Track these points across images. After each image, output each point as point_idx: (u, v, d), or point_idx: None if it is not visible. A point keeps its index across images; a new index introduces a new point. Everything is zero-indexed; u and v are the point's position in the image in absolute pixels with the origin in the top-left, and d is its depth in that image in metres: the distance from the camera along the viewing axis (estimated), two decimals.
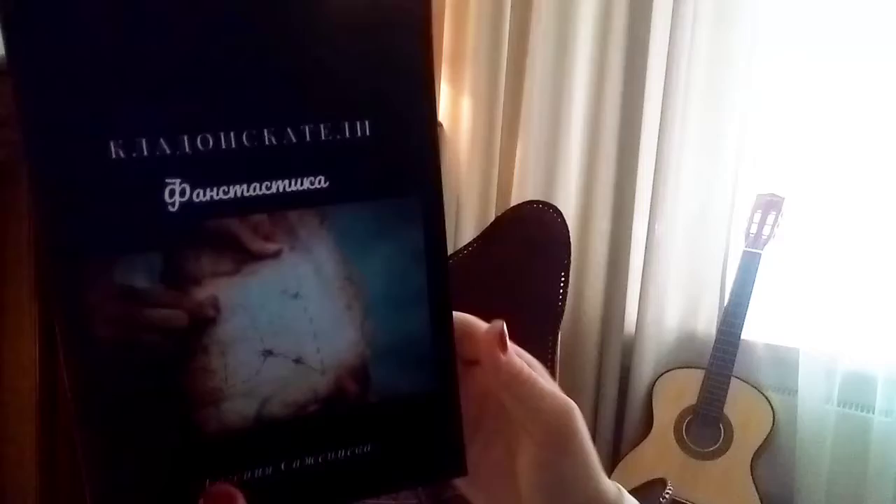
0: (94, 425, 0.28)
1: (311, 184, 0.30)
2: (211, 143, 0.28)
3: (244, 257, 0.29)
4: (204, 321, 0.29)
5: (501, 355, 0.34)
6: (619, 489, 0.37)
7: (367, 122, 0.30)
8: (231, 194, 0.28)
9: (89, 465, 0.28)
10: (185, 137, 0.27)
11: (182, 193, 0.27)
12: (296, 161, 0.29)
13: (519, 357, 0.36)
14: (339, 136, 0.30)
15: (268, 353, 0.30)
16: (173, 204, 0.27)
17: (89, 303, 0.27)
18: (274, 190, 0.29)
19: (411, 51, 0.31)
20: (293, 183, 0.29)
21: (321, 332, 0.31)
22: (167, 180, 0.27)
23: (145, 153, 0.27)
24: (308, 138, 0.29)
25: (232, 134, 0.28)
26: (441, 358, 0.33)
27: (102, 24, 0.26)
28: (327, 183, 0.30)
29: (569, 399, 0.35)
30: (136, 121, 0.27)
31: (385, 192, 0.31)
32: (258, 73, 0.29)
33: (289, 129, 0.29)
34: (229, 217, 0.28)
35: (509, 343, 0.35)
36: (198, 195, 0.28)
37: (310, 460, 0.32)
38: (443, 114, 1.96)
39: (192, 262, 0.28)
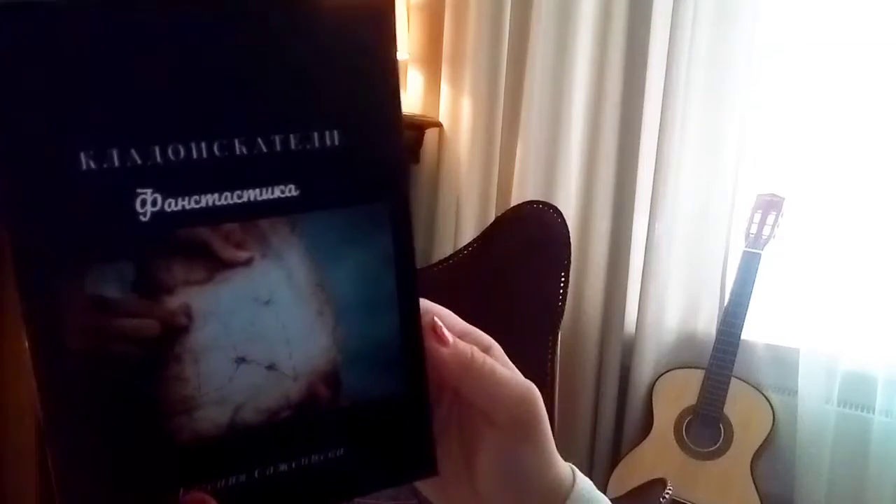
0: (64, 435, 0.28)
1: (282, 192, 0.30)
2: (182, 153, 0.28)
3: (216, 265, 0.29)
4: (176, 330, 0.29)
5: (443, 349, 0.34)
6: (572, 470, 0.37)
7: (336, 132, 0.31)
8: (203, 203, 0.28)
9: (60, 475, 0.28)
10: (157, 148, 0.28)
11: (154, 203, 0.28)
12: (266, 170, 0.30)
13: (471, 336, 0.36)
14: (308, 146, 0.30)
15: (241, 360, 0.30)
16: (145, 213, 0.28)
17: (60, 313, 0.27)
18: (245, 199, 0.29)
19: (378, 63, 0.31)
20: (264, 192, 0.30)
21: (293, 338, 0.31)
22: (139, 190, 0.27)
23: (116, 164, 0.27)
24: (278, 148, 0.30)
25: (203, 144, 0.28)
26: (410, 361, 0.34)
27: (72, 37, 0.26)
28: (298, 191, 0.30)
29: (529, 382, 0.35)
30: (106, 132, 0.27)
31: (354, 199, 0.32)
32: (229, 85, 0.29)
33: (259, 139, 0.29)
34: (201, 226, 0.29)
35: (448, 332, 0.34)
36: (169, 205, 0.28)
37: (283, 466, 0.32)
38: (443, 114, 1.97)
39: (164, 271, 0.28)
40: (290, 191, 0.30)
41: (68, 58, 0.26)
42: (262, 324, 0.30)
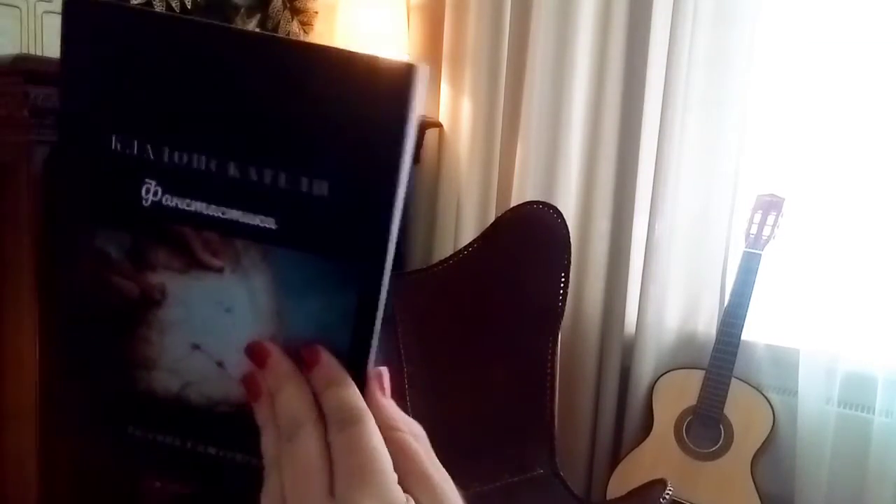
0: (62, 346, 0.36)
1: (261, 222, 0.33)
2: (185, 160, 0.32)
3: (192, 262, 0.34)
4: (151, 301, 0.34)
5: (382, 399, 0.35)
6: None
7: (325, 183, 0.32)
8: (192, 208, 0.33)
9: (56, 375, 0.36)
10: (167, 149, 0.32)
11: (155, 194, 0.33)
12: (251, 198, 0.32)
13: (402, 424, 0.35)
14: (295, 188, 0.32)
15: (196, 346, 0.34)
16: (146, 200, 0.33)
17: (76, 254, 0.34)
18: (228, 216, 0.33)
19: (388, 134, 0.31)
20: (245, 216, 0.33)
21: (244, 347, 0.34)
22: (146, 180, 0.33)
23: (136, 152, 0.32)
24: (267, 181, 0.32)
25: (204, 157, 0.32)
26: None
27: (130, 41, 0.32)
28: (276, 226, 0.33)
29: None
30: (135, 124, 0.32)
31: (329, 250, 0.33)
32: (239, 113, 0.32)
33: (252, 168, 0.32)
34: (187, 226, 0.33)
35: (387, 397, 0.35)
36: (166, 199, 0.33)
37: (212, 450, 0.36)
38: (443, 114, 1.97)
39: (151, 251, 0.34)
40: (269, 223, 0.33)
41: (122, 56, 0.32)
42: (220, 325, 0.34)
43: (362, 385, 0.34)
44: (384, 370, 0.35)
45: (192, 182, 0.32)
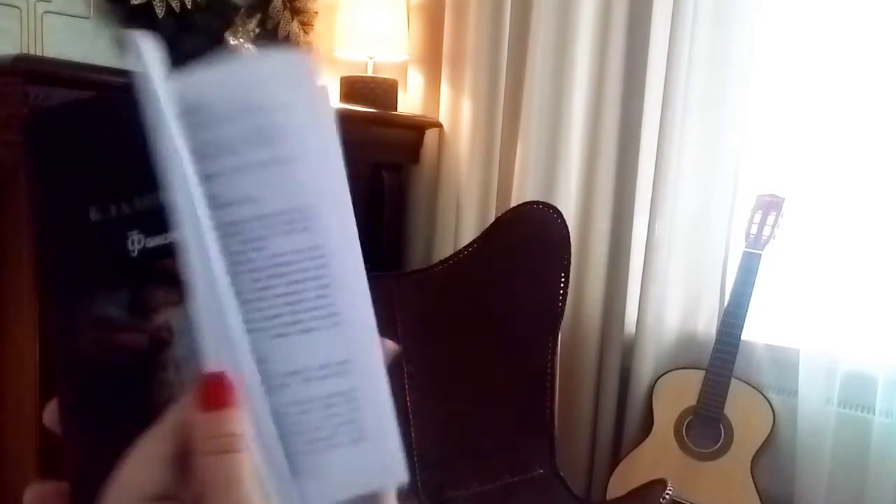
0: (77, 431, 0.35)
1: None
2: (153, 201, 0.35)
3: (185, 290, 0.35)
4: (161, 342, 0.35)
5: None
6: None
7: None
8: (170, 240, 0.35)
9: (71, 465, 0.35)
10: (137, 199, 0.35)
11: (139, 242, 0.35)
12: None
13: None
14: None
15: None
16: (134, 251, 0.35)
17: (77, 329, 0.35)
18: None
19: None
20: None
21: None
22: (129, 232, 0.35)
23: (113, 214, 0.35)
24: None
25: (164, 194, 0.35)
26: None
27: (87, 131, 0.36)
28: None
29: None
30: (106, 191, 0.35)
31: None
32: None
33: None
34: (171, 258, 0.35)
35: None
36: (150, 242, 0.35)
37: None
38: (443, 114, 1.97)
39: (150, 295, 0.35)
40: None
41: (83, 144, 0.36)
42: None
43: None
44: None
45: (162, 218, 0.35)
